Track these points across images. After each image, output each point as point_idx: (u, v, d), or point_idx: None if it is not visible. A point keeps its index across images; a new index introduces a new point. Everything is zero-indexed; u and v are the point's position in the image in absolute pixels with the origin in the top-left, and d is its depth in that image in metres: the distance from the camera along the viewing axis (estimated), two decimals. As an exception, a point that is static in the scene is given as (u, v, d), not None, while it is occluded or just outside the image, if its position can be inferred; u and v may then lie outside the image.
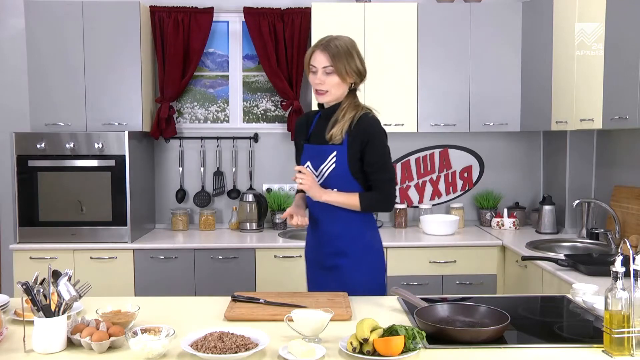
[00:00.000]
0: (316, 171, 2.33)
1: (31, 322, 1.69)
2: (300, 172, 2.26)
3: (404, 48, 3.93)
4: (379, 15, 3.91)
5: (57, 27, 3.80)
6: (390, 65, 3.93)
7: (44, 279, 1.73)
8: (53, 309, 1.68)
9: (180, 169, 4.29)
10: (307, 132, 2.44)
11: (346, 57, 2.25)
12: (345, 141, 2.28)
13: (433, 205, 4.33)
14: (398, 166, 4.36)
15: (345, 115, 2.29)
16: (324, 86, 2.27)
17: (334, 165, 2.29)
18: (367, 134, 2.27)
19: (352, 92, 2.35)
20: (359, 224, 2.36)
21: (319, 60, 2.26)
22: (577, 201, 3.55)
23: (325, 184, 2.32)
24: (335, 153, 2.28)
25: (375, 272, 2.42)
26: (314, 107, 3.93)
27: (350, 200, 2.29)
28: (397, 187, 4.37)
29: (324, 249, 2.39)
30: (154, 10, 4.07)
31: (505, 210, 4.14)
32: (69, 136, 3.71)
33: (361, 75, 2.33)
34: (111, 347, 1.69)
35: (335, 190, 2.30)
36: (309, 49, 2.32)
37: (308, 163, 2.36)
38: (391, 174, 2.34)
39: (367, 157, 2.28)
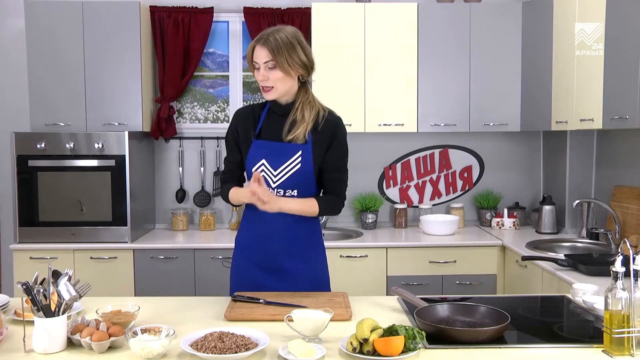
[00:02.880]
0: (274, 171, 2.20)
1: (31, 322, 1.69)
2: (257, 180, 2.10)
3: (404, 48, 3.93)
4: (379, 15, 3.90)
5: (57, 27, 3.80)
6: (390, 65, 3.93)
7: (44, 279, 1.73)
8: (53, 309, 1.68)
9: (180, 169, 4.29)
10: (256, 127, 2.28)
11: (288, 49, 2.13)
12: (310, 141, 2.21)
13: (433, 205, 4.33)
14: (398, 166, 4.36)
15: (304, 114, 2.21)
16: (268, 82, 2.16)
17: (299, 165, 2.19)
18: (334, 134, 2.26)
19: (304, 85, 2.26)
20: (309, 219, 2.29)
21: (260, 55, 2.14)
22: (577, 201, 3.55)
23: (285, 184, 2.20)
24: (300, 152, 2.19)
25: (324, 268, 2.39)
26: (314, 107, 3.93)
27: (307, 206, 2.22)
28: (399, 188, 4.38)
29: (273, 249, 2.26)
30: (154, 10, 4.07)
31: (505, 210, 4.15)
32: (69, 136, 3.71)
33: (307, 67, 2.22)
34: (111, 347, 1.69)
35: (289, 193, 2.21)
36: (250, 44, 2.20)
37: (263, 161, 2.21)
38: (346, 177, 2.37)
39: (329, 156, 2.25)
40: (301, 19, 4.08)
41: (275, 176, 2.21)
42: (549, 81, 3.66)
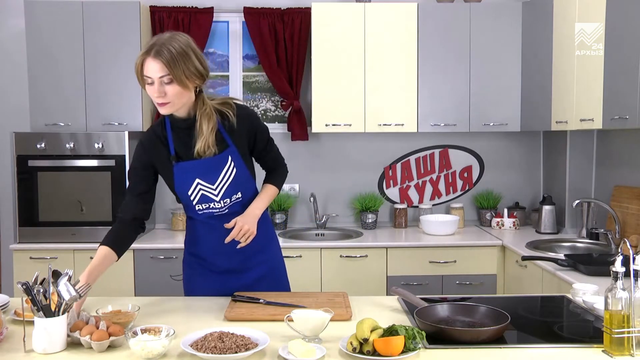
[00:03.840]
0: (213, 185, 2.11)
1: (31, 322, 1.69)
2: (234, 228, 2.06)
3: (404, 48, 3.93)
4: (379, 15, 3.90)
5: (57, 27, 3.80)
6: (390, 65, 3.93)
7: (44, 279, 1.73)
8: (53, 309, 1.68)
9: (180, 169, 4.29)
10: (169, 150, 2.12)
11: (183, 60, 1.95)
12: (231, 142, 2.11)
13: (433, 205, 4.33)
14: (398, 166, 4.36)
15: (203, 128, 2.05)
16: (165, 98, 1.97)
17: (234, 170, 2.12)
18: (251, 126, 2.17)
19: (199, 95, 2.09)
20: (264, 219, 2.28)
21: (153, 69, 1.94)
22: (577, 201, 3.55)
23: (228, 193, 2.13)
24: (230, 159, 2.10)
25: (281, 262, 2.41)
26: (314, 107, 3.94)
27: (271, 195, 2.27)
28: (399, 188, 4.38)
29: (238, 255, 2.22)
30: (154, 10, 4.07)
31: (505, 210, 4.14)
32: (69, 136, 3.71)
33: (203, 76, 2.05)
34: (110, 346, 1.69)
35: (235, 198, 2.16)
36: (138, 56, 1.98)
37: (197, 180, 2.10)
38: (276, 147, 2.35)
39: (258, 145, 2.23)
40: (301, 19, 4.08)
41: (215, 190, 2.12)
42: (549, 81, 3.66)
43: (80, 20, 3.80)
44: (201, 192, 2.12)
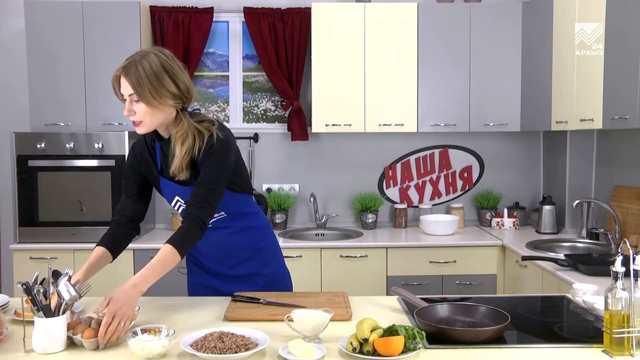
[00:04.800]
0: None
1: (31, 322, 1.69)
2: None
3: (404, 48, 3.93)
4: (379, 15, 3.90)
5: (57, 27, 3.80)
6: (390, 65, 3.93)
7: (44, 279, 1.73)
8: (53, 309, 1.68)
9: (180, 169, 4.29)
10: (156, 162, 2.11)
11: (152, 81, 1.87)
12: (200, 167, 2.01)
13: (433, 205, 4.33)
14: (398, 166, 4.36)
15: (175, 149, 1.97)
16: (136, 117, 1.93)
17: None
18: (207, 149, 1.98)
19: (181, 114, 1.99)
20: (246, 230, 2.24)
21: (124, 87, 1.91)
22: (577, 201, 3.55)
23: None
24: None
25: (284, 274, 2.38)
26: (314, 107, 3.94)
27: (164, 263, 1.90)
28: (399, 188, 4.38)
29: (228, 261, 2.24)
30: (154, 10, 4.07)
31: (505, 210, 4.14)
32: (69, 136, 3.71)
33: (180, 97, 1.95)
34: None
35: (217, 216, 2.09)
36: (114, 72, 1.94)
37: (177, 198, 2.11)
38: (217, 192, 2.00)
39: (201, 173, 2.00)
40: (301, 19, 4.08)
41: None
42: (549, 81, 3.66)
43: (80, 20, 3.80)
44: (181, 207, 2.14)
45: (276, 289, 2.30)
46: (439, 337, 1.70)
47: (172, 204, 2.17)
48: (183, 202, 2.11)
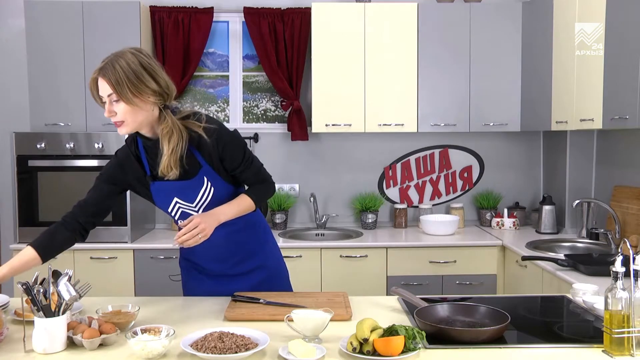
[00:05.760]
0: (192, 204, 2.07)
1: (31, 322, 1.69)
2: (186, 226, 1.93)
3: (404, 48, 3.93)
4: (379, 15, 3.90)
5: (57, 27, 3.80)
6: (390, 65, 3.93)
7: (44, 279, 1.73)
8: (53, 309, 1.68)
9: (180, 169, 4.29)
10: (144, 168, 2.08)
11: (130, 80, 1.86)
12: (204, 162, 2.03)
13: (433, 205, 4.33)
14: (398, 166, 4.36)
15: (163, 147, 1.95)
16: (117, 117, 1.90)
17: (212, 189, 2.05)
18: (217, 144, 2.01)
19: (162, 112, 1.98)
20: (247, 227, 2.23)
21: (102, 88, 1.89)
22: (577, 201, 3.55)
23: (209, 209, 2.05)
24: (206, 178, 2.03)
25: (282, 269, 2.38)
26: (314, 107, 3.94)
27: (243, 205, 2.07)
28: (399, 188, 4.38)
29: (230, 259, 2.23)
30: (154, 10, 4.07)
31: (505, 210, 4.14)
32: (69, 136, 3.71)
33: (161, 94, 1.95)
34: (103, 345, 1.69)
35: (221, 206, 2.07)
36: (92, 73, 1.92)
37: (176, 199, 2.07)
38: (258, 162, 2.16)
39: (231, 164, 2.06)
40: (301, 19, 4.08)
41: (195, 207, 2.08)
42: (549, 81, 3.66)
43: (80, 20, 3.80)
44: (180, 209, 2.11)
45: (278, 281, 2.31)
46: (439, 337, 1.70)
47: (170, 209, 2.11)
48: (184, 203, 2.08)
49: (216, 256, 2.23)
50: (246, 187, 2.19)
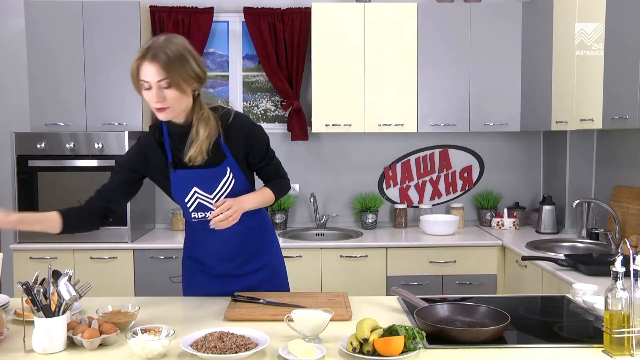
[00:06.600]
0: (210, 195, 2.09)
1: (31, 322, 1.69)
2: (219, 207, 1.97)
3: (404, 48, 3.93)
4: (379, 15, 3.90)
5: (57, 27, 3.80)
6: (390, 65, 3.93)
7: (44, 279, 1.73)
8: (53, 309, 1.68)
9: (180, 169, 4.29)
10: (166, 156, 2.10)
11: (181, 64, 1.90)
12: (228, 152, 2.07)
13: (433, 205, 4.33)
14: (398, 166, 4.36)
15: (199, 133, 2.00)
16: (164, 103, 1.92)
17: (233, 181, 2.08)
18: (246, 137, 2.09)
19: (197, 99, 2.04)
20: (254, 222, 2.25)
21: (149, 73, 1.88)
22: (577, 201, 3.55)
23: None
24: (228, 170, 2.07)
25: (282, 267, 2.39)
26: (314, 107, 3.94)
27: (265, 196, 2.15)
28: (399, 188, 4.38)
29: (238, 258, 2.23)
30: (154, 10, 4.07)
31: (505, 210, 4.14)
32: (69, 136, 3.71)
33: (201, 79, 2.00)
34: (103, 345, 1.70)
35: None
36: (134, 60, 1.91)
37: (195, 189, 2.08)
38: (277, 160, 2.26)
39: (255, 157, 2.13)
40: (301, 19, 4.08)
41: (213, 199, 2.10)
42: (549, 81, 3.66)
43: (80, 20, 3.80)
44: (198, 200, 2.11)
45: (278, 280, 2.31)
46: (439, 337, 1.70)
47: (187, 198, 2.11)
48: (202, 193, 2.08)
49: (224, 255, 2.22)
50: (263, 184, 2.24)
